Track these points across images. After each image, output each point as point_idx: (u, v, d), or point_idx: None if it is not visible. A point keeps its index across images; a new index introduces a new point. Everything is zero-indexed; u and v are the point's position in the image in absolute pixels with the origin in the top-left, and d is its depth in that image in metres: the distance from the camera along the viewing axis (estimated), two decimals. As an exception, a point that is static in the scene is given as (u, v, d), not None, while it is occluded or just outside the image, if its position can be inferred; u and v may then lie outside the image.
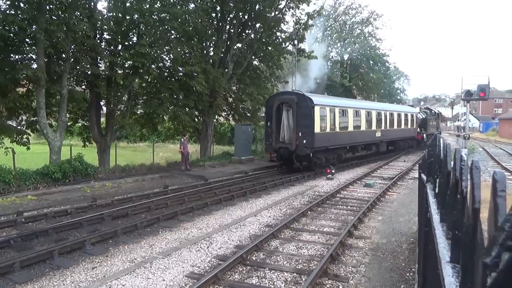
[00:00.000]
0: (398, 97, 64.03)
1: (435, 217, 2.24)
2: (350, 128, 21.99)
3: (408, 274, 7.09)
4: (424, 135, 36.00)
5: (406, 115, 31.95)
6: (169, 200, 12.88)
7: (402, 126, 30.92)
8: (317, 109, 18.54)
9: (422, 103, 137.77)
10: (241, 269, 7.26)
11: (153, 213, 11.39)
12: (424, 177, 5.03)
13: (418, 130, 35.48)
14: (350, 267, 7.40)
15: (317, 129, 18.48)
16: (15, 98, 15.88)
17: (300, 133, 18.30)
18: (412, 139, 34.05)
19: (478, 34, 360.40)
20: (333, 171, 18.99)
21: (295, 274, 7.00)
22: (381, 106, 29.56)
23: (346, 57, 50.43)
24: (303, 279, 6.66)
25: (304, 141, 18.17)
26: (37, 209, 11.84)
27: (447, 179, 2.10)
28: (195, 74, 18.78)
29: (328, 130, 19.69)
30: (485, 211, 1.20)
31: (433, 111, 42.00)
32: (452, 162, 2.00)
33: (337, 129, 20.50)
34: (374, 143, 25.81)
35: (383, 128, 26.66)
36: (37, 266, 7.40)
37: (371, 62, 49.52)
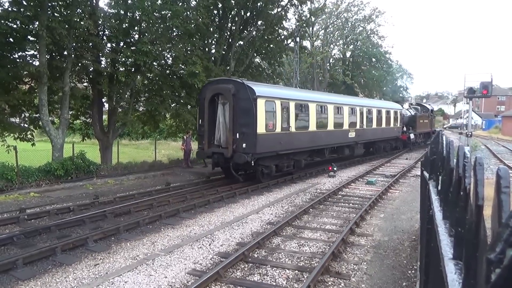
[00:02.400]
0: (401, 95, 63.89)
1: (438, 214, 2.24)
2: (312, 128, 17.53)
3: (410, 272, 7.09)
4: (412, 135, 31.87)
5: (388, 112, 27.57)
6: (171, 197, 12.90)
7: (383, 125, 26.63)
8: (261, 103, 14.02)
9: (424, 100, 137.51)
10: (243, 266, 7.28)
11: (155, 210, 11.42)
12: (426, 174, 5.02)
13: (405, 129, 31.46)
14: (352, 265, 7.40)
15: (261, 129, 14.02)
16: (18, 96, 15.91)
17: (237, 134, 13.98)
18: (396, 140, 30.01)
19: (481, 31, 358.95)
20: (335, 168, 18.97)
21: (297, 271, 7.01)
22: (356, 101, 24.50)
23: (348, 54, 50.33)
24: (305, 277, 6.66)
25: (244, 145, 13.82)
26: (39, 206, 11.88)
27: (450, 176, 2.09)
28: (197, 72, 18.76)
29: (278, 130, 14.99)
30: (488, 209, 1.20)
31: (425, 107, 38.19)
32: (455, 159, 1.99)
33: (293, 129, 15.89)
34: (347, 145, 21.54)
35: (358, 127, 22.42)
36: (39, 263, 7.43)
37: (374, 59, 49.39)
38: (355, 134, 21.90)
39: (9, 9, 14.95)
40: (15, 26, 15.19)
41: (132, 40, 19.09)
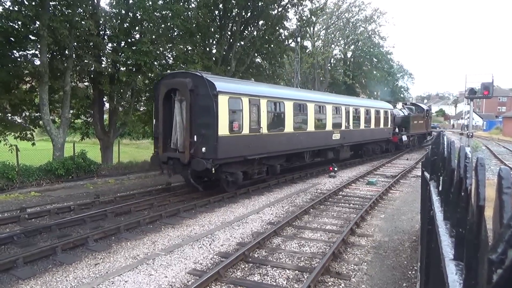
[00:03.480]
0: (402, 95, 63.86)
1: (439, 215, 2.23)
2: (289, 129, 15.55)
3: (410, 272, 7.08)
4: (404, 136, 29.98)
5: (377, 112, 25.59)
6: (172, 197, 12.90)
7: (372, 126, 24.66)
8: (223, 100, 12.17)
9: (425, 101, 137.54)
10: (243, 266, 7.28)
11: (155, 210, 11.42)
12: (427, 175, 5.02)
13: (397, 130, 29.64)
14: (352, 265, 7.40)
15: (223, 131, 12.11)
16: (19, 94, 15.93)
17: (195, 137, 12.12)
18: (386, 142, 28.14)
19: (482, 32, 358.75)
20: (335, 168, 18.96)
21: (297, 271, 7.01)
22: (341, 99, 22.20)
23: (349, 54, 50.35)
24: (305, 277, 6.66)
25: (203, 149, 11.93)
26: (40, 205, 11.90)
27: (451, 176, 2.09)
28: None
29: (245, 131, 13.07)
30: (488, 210, 1.20)
31: (420, 107, 35.84)
32: (456, 160, 1.99)
33: (264, 130, 13.91)
34: (330, 148, 19.69)
35: (343, 128, 20.52)
36: (40, 262, 7.44)
37: (375, 60, 49.41)
38: (340, 136, 19.97)
39: (11, 8, 14.97)
40: (16, 26, 15.21)
41: (133, 40, 19.11)
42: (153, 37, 18.58)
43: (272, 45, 26.99)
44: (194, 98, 12.27)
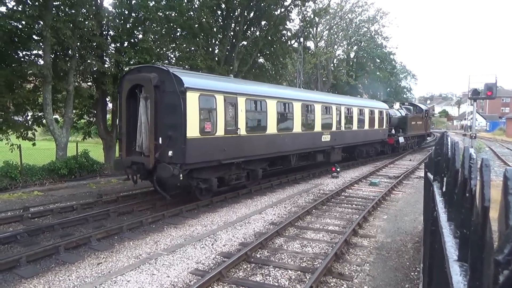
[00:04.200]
0: (405, 96, 63.75)
1: (442, 216, 2.23)
2: (272, 130, 14.25)
3: (413, 274, 7.07)
4: (401, 138, 28.56)
5: (372, 112, 24.10)
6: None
7: (366, 127, 23.23)
8: (193, 97, 10.82)
9: (428, 101, 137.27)
10: (245, 266, 7.27)
11: (158, 210, 11.43)
12: (430, 176, 5.00)
13: (394, 131, 28.28)
14: (354, 266, 7.38)
15: (192, 132, 10.82)
16: (22, 94, 15.99)
17: (160, 139, 10.83)
18: (382, 144, 26.90)
19: (486, 32, 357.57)
20: (338, 169, 18.92)
21: (299, 272, 7.00)
22: (332, 98, 20.73)
23: (352, 55, 50.32)
24: (308, 277, 6.65)
25: (170, 153, 10.60)
26: (43, 205, 11.93)
27: (455, 177, 2.08)
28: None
29: (220, 133, 11.79)
30: (492, 211, 1.19)
31: (419, 108, 34.18)
32: (460, 161, 1.98)
33: (242, 132, 12.68)
34: (320, 150, 18.43)
35: (334, 129, 19.18)
36: (43, 261, 7.46)
37: (378, 60, 49.36)
38: (330, 138, 18.67)
39: (14, 8, 15.02)
40: (20, 26, 15.27)
41: (136, 40, 19.15)
42: (156, 36, 18.60)
43: (275, 46, 26.99)
44: (160, 96, 10.96)
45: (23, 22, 15.03)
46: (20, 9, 15.03)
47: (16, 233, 8.76)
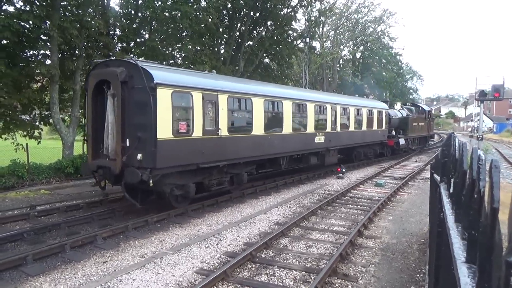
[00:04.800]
0: (411, 97, 63.45)
1: (450, 217, 2.21)
2: (258, 131, 13.27)
3: (418, 275, 7.03)
4: (401, 139, 27.37)
5: (370, 112, 22.94)
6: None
7: (364, 127, 22.12)
8: (164, 94, 9.75)
9: (434, 102, 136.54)
10: (250, 266, 7.28)
11: (163, 209, 11.44)
12: (436, 177, 4.97)
13: (394, 133, 27.17)
14: (359, 267, 7.36)
15: (164, 133, 9.74)
16: (29, 94, 16.12)
17: (128, 141, 9.81)
18: (381, 145, 25.78)
19: (493, 33, 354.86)
20: (343, 170, 18.87)
21: (304, 272, 6.99)
22: (326, 97, 19.57)
23: (358, 55, 50.18)
24: (312, 278, 6.64)
25: (139, 156, 9.58)
26: (49, 203, 12.01)
27: (463, 178, 2.07)
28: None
29: (197, 134, 10.71)
30: (499, 213, 1.19)
31: (421, 108, 32.95)
32: (468, 162, 1.97)
33: (224, 132, 11.66)
34: (313, 152, 17.39)
35: (329, 130, 18.09)
36: (49, 259, 7.51)
37: (384, 60, 49.18)
38: (324, 139, 17.60)
39: (22, 8, 15.15)
40: (27, 25, 15.39)
41: (142, 39, 19.22)
42: (162, 36, 18.66)
43: (280, 46, 26.98)
44: (128, 92, 9.88)
45: (30, 22, 15.15)
46: (27, 9, 15.14)
47: (22, 231, 8.83)
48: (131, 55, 13.45)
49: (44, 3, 15.23)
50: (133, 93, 9.84)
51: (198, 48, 21.72)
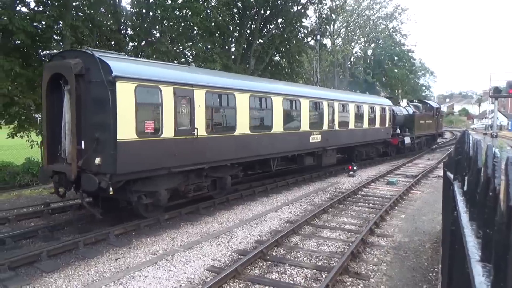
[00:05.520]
0: (423, 94, 62.75)
1: (464, 215, 2.19)
2: (243, 130, 11.96)
3: (431, 274, 6.96)
4: (407, 138, 25.89)
5: (372, 109, 21.47)
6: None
7: (365, 125, 20.70)
8: (126, 89, 8.47)
9: (447, 100, 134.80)
10: (261, 264, 7.29)
11: (174, 207, 11.51)
12: (450, 175, 4.91)
13: (398, 131, 25.66)
14: (371, 265, 7.31)
15: (125, 133, 8.47)
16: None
17: (83, 142, 8.64)
18: (384, 144, 24.30)
19: (508, 28, 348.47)
20: (355, 168, 18.76)
21: (315, 270, 6.97)
22: (322, 92, 18.09)
23: (369, 52, 49.77)
24: (323, 276, 6.62)
25: (97, 160, 8.42)
26: (63, 201, 12.15)
27: (478, 176, 2.04)
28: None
29: (168, 134, 9.43)
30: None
31: (428, 105, 31.11)
32: (483, 159, 1.94)
33: (201, 132, 10.32)
34: (309, 152, 16.17)
35: (326, 128, 16.75)
36: (63, 256, 7.63)
37: (396, 58, 48.68)
38: (321, 138, 16.28)
39: (35, 8, 15.36)
40: (40, 26, 15.60)
41: (153, 39, 19.34)
42: (173, 35, 18.75)
43: (291, 43, 26.89)
44: (85, 87, 8.73)
45: (43, 23, 15.35)
46: (41, 9, 15.35)
47: (37, 228, 8.98)
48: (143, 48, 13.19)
49: (56, 4, 15.42)
50: (90, 88, 8.69)
51: (209, 46, 21.77)
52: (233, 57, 23.59)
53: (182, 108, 9.86)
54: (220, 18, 20.61)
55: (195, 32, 21.08)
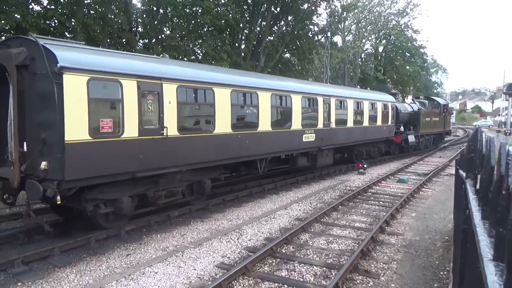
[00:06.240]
0: (435, 91, 62.03)
1: (476, 214, 2.16)
2: (223, 129, 10.77)
3: (442, 273, 6.90)
4: (411, 136, 24.64)
5: (373, 105, 20.22)
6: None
7: (365, 123, 19.40)
8: (75, 82, 7.34)
9: (460, 97, 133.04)
10: (270, 261, 7.30)
11: (184, 203, 11.58)
12: (462, 173, 4.86)
13: (402, 129, 24.52)
14: (381, 264, 7.27)
15: (75, 134, 7.32)
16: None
17: (25, 144, 7.61)
18: (387, 143, 23.17)
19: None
20: (365, 165, 18.64)
21: (324, 268, 6.96)
22: (317, 88, 16.81)
23: (380, 49, 49.32)
24: (333, 274, 6.60)
25: (43, 165, 7.23)
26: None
27: (491, 175, 2.01)
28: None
29: (130, 134, 8.21)
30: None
31: (435, 102, 29.64)
32: (496, 157, 1.92)
33: (172, 132, 9.12)
34: (302, 152, 15.00)
35: (321, 126, 15.46)
36: (75, 251, 7.73)
37: (407, 54, 48.14)
38: (315, 137, 15.06)
39: (48, 6, 15.56)
40: (52, 23, 15.79)
41: (163, 36, 19.44)
42: (183, 33, 18.82)
43: (301, 41, 26.79)
44: (29, 80, 7.56)
45: (55, 20, 15.54)
46: (53, 7, 15.54)
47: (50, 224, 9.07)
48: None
49: (68, 1, 15.59)
50: (35, 81, 7.48)
51: (219, 44, 21.80)
52: (242, 54, 23.58)
53: (149, 104, 8.70)
54: (230, 15, 20.60)
55: (205, 30, 21.12)
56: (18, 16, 13.56)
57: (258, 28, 24.98)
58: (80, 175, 7.42)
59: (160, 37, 19.38)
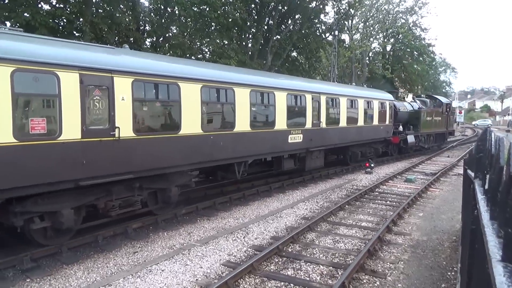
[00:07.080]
0: (444, 90, 61.54)
1: (485, 214, 2.14)
2: (192, 129, 9.54)
3: (449, 273, 6.85)
4: (411, 136, 23.46)
5: (368, 104, 18.96)
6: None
7: (360, 123, 18.17)
8: None
9: (469, 96, 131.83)
10: (276, 260, 7.30)
11: (191, 202, 11.63)
12: (470, 173, 4.81)
13: (401, 128, 23.36)
14: (388, 263, 7.24)
15: None
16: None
17: None
18: (384, 143, 22.07)
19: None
20: (372, 165, 18.55)
21: (331, 267, 6.94)
22: (305, 84, 15.23)
23: (388, 48, 49.00)
24: (339, 273, 6.59)
25: None
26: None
27: (500, 174, 1.99)
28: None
29: (70, 135, 7.03)
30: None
31: (437, 100, 28.28)
32: (505, 157, 1.90)
33: (126, 133, 7.96)
34: (292, 154, 13.91)
35: (309, 126, 14.23)
36: (82, 249, 7.79)
37: (415, 53, 47.77)
38: (302, 138, 13.84)
39: (56, 5, 15.68)
40: (61, 22, 15.91)
41: (170, 34, 19.50)
42: (191, 31, 18.87)
43: (308, 39, 26.71)
44: None
45: (64, 19, 15.66)
46: (62, 6, 15.66)
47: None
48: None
49: (77, 0, 15.70)
50: None
51: (226, 42, 21.81)
52: (250, 52, 23.57)
53: (95, 101, 7.48)
54: (238, 14, 20.61)
55: (212, 28, 21.15)
56: (28, 15, 13.68)
57: (266, 27, 24.95)
58: (3, 185, 6.20)
59: (167, 35, 19.44)
